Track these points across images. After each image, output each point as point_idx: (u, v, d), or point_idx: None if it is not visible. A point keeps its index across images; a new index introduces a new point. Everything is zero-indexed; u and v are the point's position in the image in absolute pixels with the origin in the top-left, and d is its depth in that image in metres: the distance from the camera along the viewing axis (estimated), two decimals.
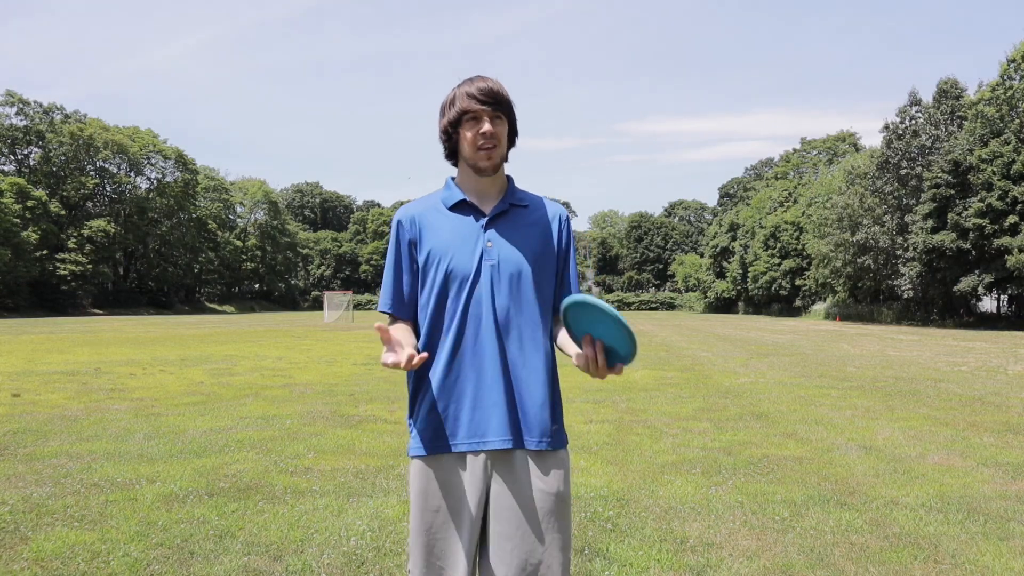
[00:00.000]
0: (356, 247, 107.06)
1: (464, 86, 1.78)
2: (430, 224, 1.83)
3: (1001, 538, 3.71)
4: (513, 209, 1.84)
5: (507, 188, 1.87)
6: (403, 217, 1.87)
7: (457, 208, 1.83)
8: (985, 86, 37.35)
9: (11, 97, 58.39)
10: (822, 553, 3.50)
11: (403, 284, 1.86)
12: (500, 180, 1.86)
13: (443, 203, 1.85)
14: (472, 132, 1.76)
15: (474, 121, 1.76)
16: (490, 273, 1.77)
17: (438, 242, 1.80)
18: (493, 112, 1.76)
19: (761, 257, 67.04)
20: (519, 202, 1.86)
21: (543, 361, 1.81)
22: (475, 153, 1.78)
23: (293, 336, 24.02)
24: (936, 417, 7.53)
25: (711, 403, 8.48)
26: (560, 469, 1.78)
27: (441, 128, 1.83)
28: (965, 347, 19.53)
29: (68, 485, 4.61)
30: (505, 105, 1.78)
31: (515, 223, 1.83)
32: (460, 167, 1.87)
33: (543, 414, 1.78)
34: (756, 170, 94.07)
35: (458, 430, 1.77)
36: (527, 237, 1.82)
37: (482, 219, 1.81)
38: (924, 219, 37.71)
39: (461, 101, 1.76)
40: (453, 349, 1.77)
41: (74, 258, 58.37)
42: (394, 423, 7.03)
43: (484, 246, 1.78)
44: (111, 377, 10.87)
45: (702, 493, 4.55)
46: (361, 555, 3.44)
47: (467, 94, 1.76)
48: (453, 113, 1.77)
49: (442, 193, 1.88)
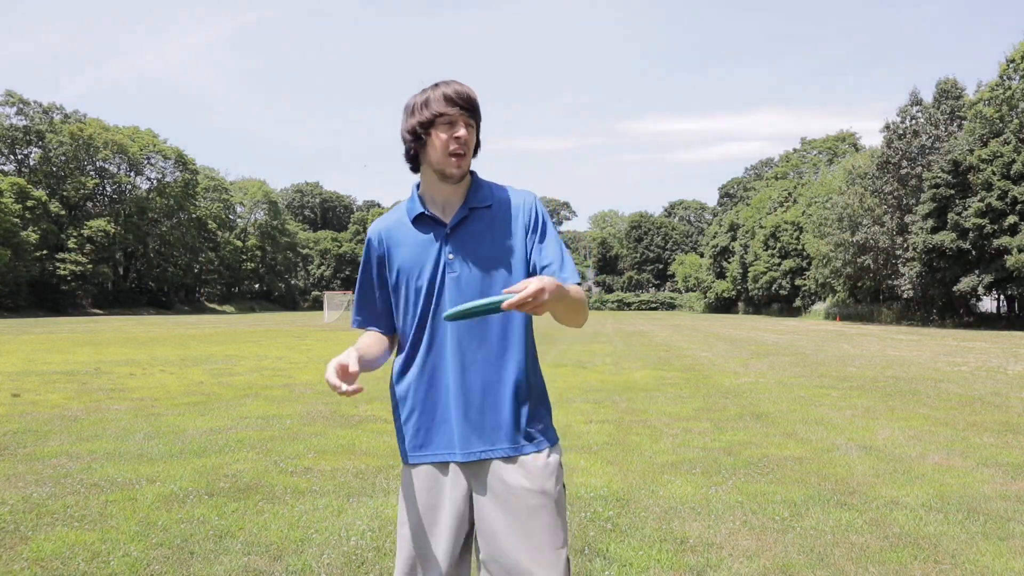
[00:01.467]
0: (356, 247, 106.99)
1: (439, 88, 1.72)
2: (397, 240, 1.81)
3: (1001, 538, 3.71)
4: (474, 213, 1.78)
5: (468, 191, 1.80)
6: (373, 234, 1.85)
7: (418, 221, 1.79)
8: (984, 86, 37.34)
9: (11, 97, 58.40)
10: (822, 553, 3.50)
11: (375, 301, 1.87)
12: (464, 186, 1.81)
13: (407, 215, 1.81)
14: (446, 136, 1.71)
15: (448, 125, 1.71)
16: (452, 286, 1.74)
17: (404, 259, 1.79)
18: (468, 118, 1.72)
19: (761, 257, 67.04)
20: (481, 203, 1.79)
21: (516, 365, 1.76)
22: (445, 159, 1.72)
23: (293, 336, 24.03)
24: (936, 417, 7.53)
25: (711, 403, 8.48)
26: (544, 469, 1.74)
27: (407, 128, 1.76)
28: (965, 347, 19.53)
29: (68, 485, 4.61)
30: (477, 112, 1.75)
31: (477, 228, 1.77)
32: (424, 173, 1.80)
33: (516, 419, 1.76)
34: (756, 170, 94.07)
35: (432, 441, 1.78)
36: (491, 240, 1.77)
37: (443, 230, 1.77)
38: (924, 219, 37.72)
39: (437, 104, 1.70)
40: (422, 363, 1.78)
41: (74, 258, 58.38)
42: (393, 423, 7.03)
43: (446, 259, 1.75)
44: (111, 377, 10.87)
45: (702, 493, 4.55)
46: (361, 555, 3.44)
47: (444, 96, 1.70)
48: (427, 114, 1.71)
49: (407, 205, 1.83)
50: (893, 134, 42.68)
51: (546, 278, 1.54)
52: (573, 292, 1.69)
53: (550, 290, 1.52)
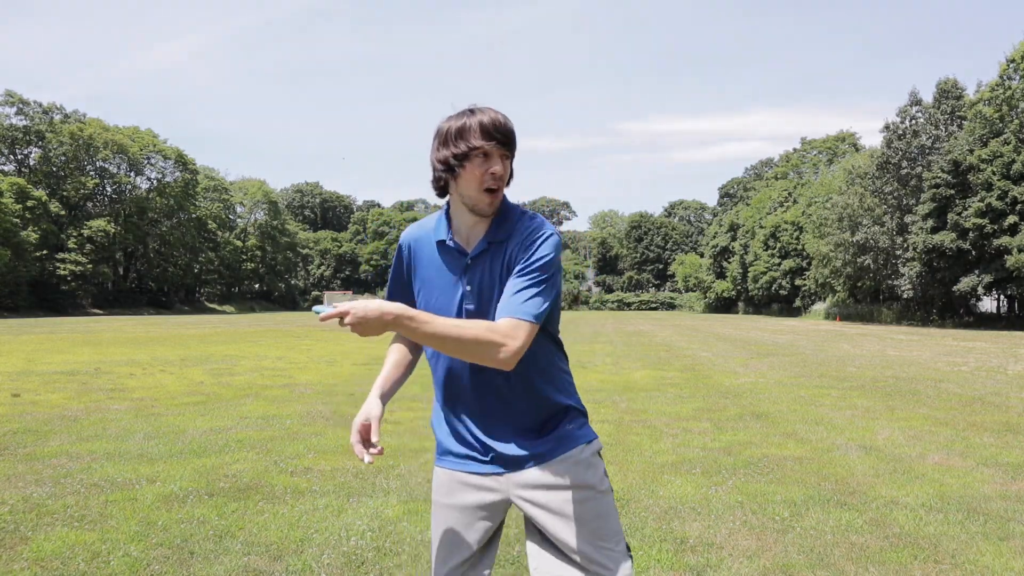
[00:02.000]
0: (356, 247, 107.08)
1: (476, 116, 1.64)
2: (422, 256, 1.80)
3: (1001, 538, 3.71)
4: (492, 247, 1.72)
5: (492, 222, 1.73)
6: (403, 242, 1.85)
7: (441, 248, 1.77)
8: (984, 86, 37.35)
9: (11, 97, 58.38)
10: (822, 553, 3.50)
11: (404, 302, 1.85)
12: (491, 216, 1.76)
13: (434, 235, 1.79)
14: (481, 171, 1.64)
15: (484, 158, 1.63)
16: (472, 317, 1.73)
17: (427, 279, 1.79)
18: (504, 151, 1.65)
19: (761, 257, 67.04)
20: (501, 237, 1.71)
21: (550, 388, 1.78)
22: (479, 195, 1.66)
23: (293, 336, 24.02)
24: (936, 417, 7.53)
25: (711, 403, 8.48)
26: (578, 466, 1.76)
27: (440, 159, 1.67)
28: (965, 347, 19.53)
29: (68, 485, 4.61)
30: (514, 144, 1.69)
31: (492, 263, 1.73)
32: (453, 201, 1.74)
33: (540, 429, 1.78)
34: (756, 170, 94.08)
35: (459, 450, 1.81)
36: (500, 275, 1.73)
37: (464, 260, 1.73)
38: (924, 219, 37.73)
39: (473, 136, 1.62)
40: (444, 380, 1.81)
41: (74, 258, 58.37)
42: (394, 423, 7.03)
43: (464, 290, 1.73)
44: (111, 377, 10.86)
45: (702, 493, 4.55)
46: (361, 555, 3.44)
47: (481, 128, 1.62)
48: (462, 147, 1.63)
49: (437, 223, 1.79)
50: (893, 134, 42.68)
51: (367, 303, 1.50)
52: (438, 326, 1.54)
53: (360, 315, 1.49)
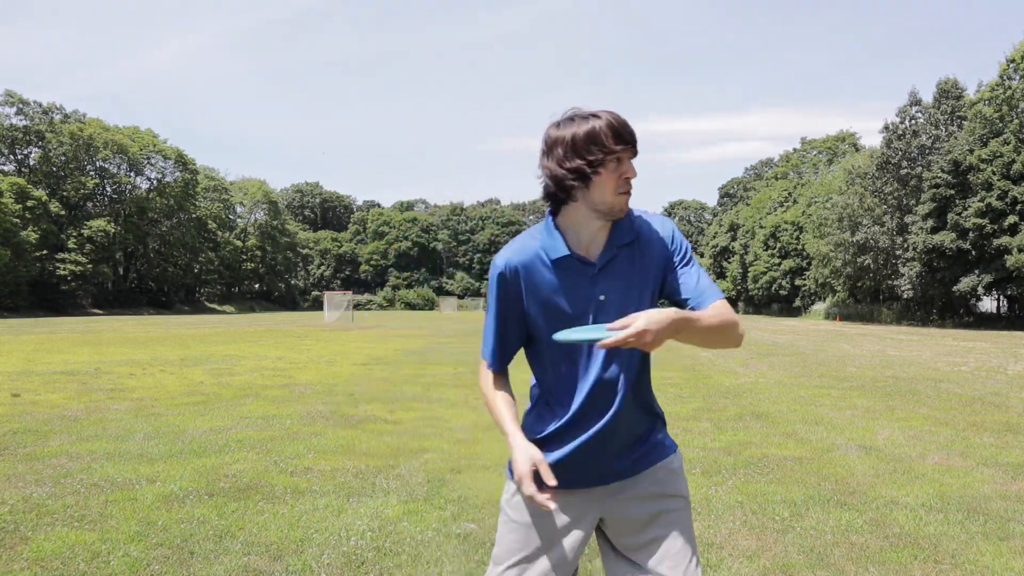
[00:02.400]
0: (356, 247, 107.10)
1: (600, 119, 1.60)
2: (538, 281, 1.67)
3: (1001, 538, 3.71)
4: (620, 252, 1.68)
5: (612, 227, 1.68)
6: (506, 269, 1.69)
7: (562, 263, 1.66)
8: (985, 86, 37.35)
9: (11, 97, 58.40)
10: (822, 553, 3.50)
11: (507, 338, 1.75)
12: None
13: (546, 253, 1.67)
14: (615, 176, 1.61)
15: (617, 163, 1.61)
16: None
17: (546, 298, 1.67)
18: (633, 152, 1.64)
19: (761, 257, 67.05)
20: (625, 240, 1.68)
21: (646, 390, 1.77)
22: (616, 198, 1.62)
23: (293, 336, 24.02)
24: (936, 417, 7.53)
25: (711, 403, 8.48)
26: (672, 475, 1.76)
27: (571, 168, 1.60)
28: (965, 347, 19.53)
29: (68, 485, 4.61)
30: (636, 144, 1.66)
31: (623, 267, 1.68)
32: (574, 209, 1.66)
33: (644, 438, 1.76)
34: (756, 170, 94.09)
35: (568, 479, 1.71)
36: (636, 278, 1.68)
37: (590, 270, 1.66)
38: (924, 219, 37.74)
39: (607, 140, 1.59)
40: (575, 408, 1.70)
41: (74, 258, 58.39)
42: (394, 423, 7.03)
43: (597, 301, 1.66)
44: (111, 377, 10.86)
45: (702, 493, 4.54)
46: (361, 555, 3.44)
47: (613, 132, 1.59)
48: (598, 154, 1.59)
49: (544, 240, 1.68)
50: (893, 134, 42.70)
51: (655, 314, 1.48)
52: (707, 320, 1.60)
53: (656, 329, 1.46)
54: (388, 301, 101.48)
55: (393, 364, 13.54)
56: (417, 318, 55.09)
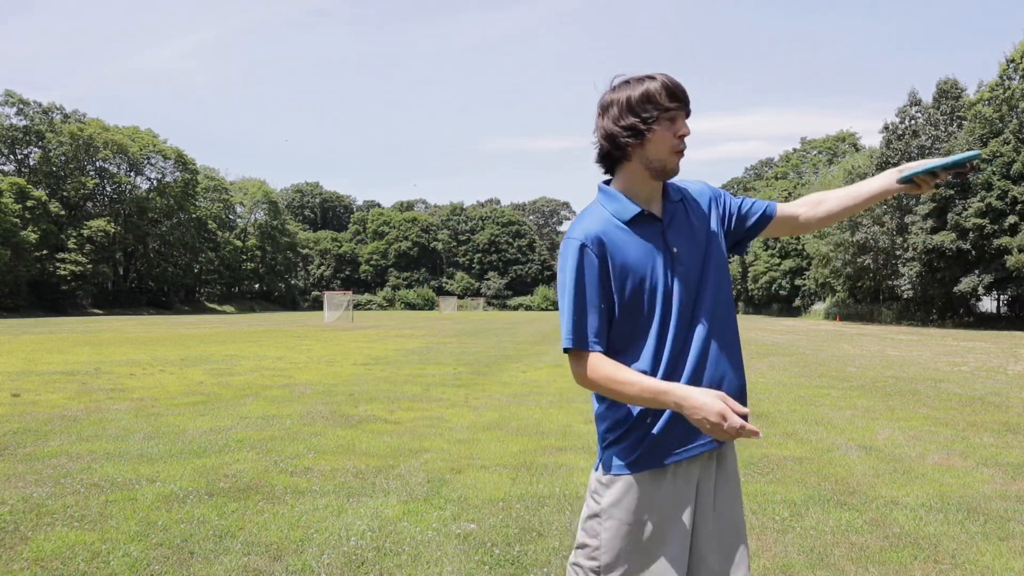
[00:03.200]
0: (356, 247, 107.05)
1: (657, 80, 1.66)
2: (616, 243, 1.68)
3: (1001, 538, 3.71)
4: (677, 206, 1.76)
5: (665, 187, 1.77)
6: (587, 239, 1.68)
7: (637, 221, 1.70)
8: (984, 86, 37.34)
9: (11, 97, 58.39)
10: (822, 553, 3.50)
11: (595, 317, 1.68)
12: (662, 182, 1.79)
13: (617, 217, 1.71)
14: (670, 132, 1.66)
15: (671, 121, 1.66)
16: (684, 280, 1.70)
17: (631, 263, 1.68)
18: (687, 111, 1.70)
19: (761, 257, 67.06)
20: (676, 197, 1.78)
21: (739, 349, 1.78)
22: (670, 156, 1.68)
23: (293, 336, 24.02)
24: (936, 417, 7.53)
25: None
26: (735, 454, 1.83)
27: (625, 125, 1.66)
28: (965, 347, 19.53)
29: (68, 485, 4.61)
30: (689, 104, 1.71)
31: (683, 220, 1.76)
32: (630, 170, 1.72)
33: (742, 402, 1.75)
34: (756, 170, 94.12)
35: (677, 440, 1.69)
36: (699, 229, 1.76)
37: (660, 226, 1.72)
38: (924, 219, 37.72)
39: (661, 98, 1.65)
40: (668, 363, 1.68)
41: (74, 258, 58.38)
42: (394, 423, 7.03)
43: (671, 253, 1.70)
44: (111, 377, 10.86)
45: None
46: (361, 555, 3.44)
47: (667, 91, 1.65)
48: (652, 111, 1.65)
49: (611, 206, 1.72)
50: (892, 134, 42.69)
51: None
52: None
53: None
54: (388, 301, 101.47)
55: (393, 364, 13.54)
56: (417, 318, 55.09)
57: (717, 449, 1.75)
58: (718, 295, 1.73)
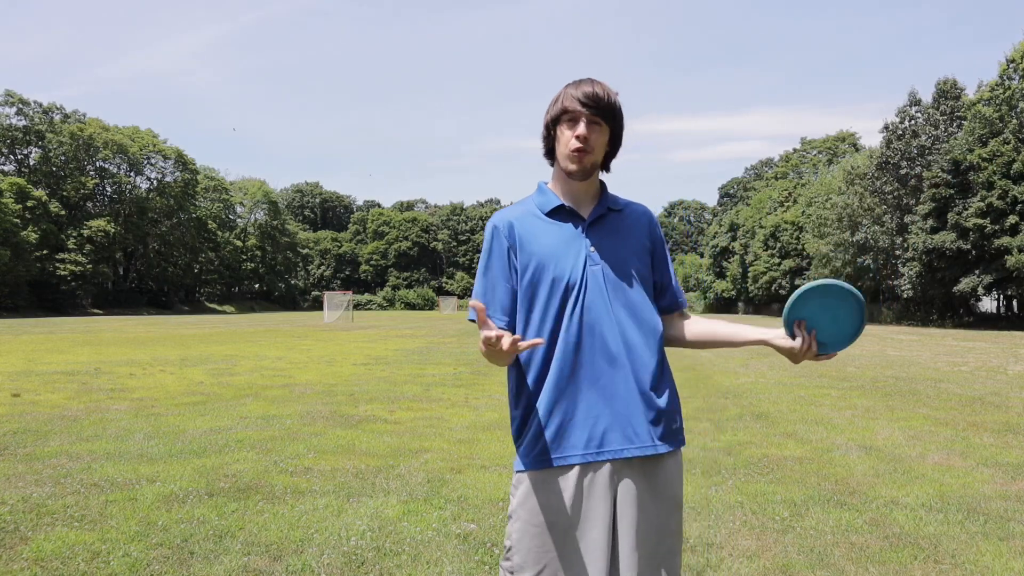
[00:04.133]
0: (356, 247, 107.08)
1: (572, 86, 1.75)
2: (529, 231, 1.76)
3: (1001, 538, 3.71)
4: (610, 214, 1.81)
5: (601, 194, 1.83)
6: (499, 223, 1.79)
7: (555, 214, 1.78)
8: (984, 86, 37.34)
9: (11, 97, 58.39)
10: (822, 553, 3.50)
11: (499, 293, 1.77)
12: (593, 186, 1.81)
13: (539, 209, 1.79)
14: (569, 132, 1.73)
15: (572, 122, 1.73)
16: (596, 279, 1.73)
17: (539, 249, 1.74)
18: (592, 116, 1.71)
19: (761, 257, 67.04)
20: (615, 207, 1.82)
21: (659, 362, 1.76)
22: (566, 156, 1.74)
23: (293, 336, 24.02)
24: (936, 417, 7.53)
25: (711, 403, 8.48)
26: (679, 471, 1.76)
27: (545, 124, 1.80)
28: (965, 347, 19.53)
29: (68, 485, 4.61)
30: (608, 112, 1.73)
31: (613, 227, 1.80)
32: (555, 169, 1.83)
33: (665, 416, 1.74)
34: (756, 170, 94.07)
35: (580, 440, 1.70)
36: (627, 240, 1.80)
37: (582, 224, 1.77)
38: (924, 219, 37.70)
39: (564, 100, 1.73)
40: (567, 357, 1.71)
41: (74, 258, 58.37)
42: (394, 423, 7.03)
43: (588, 251, 1.74)
44: (111, 377, 10.86)
45: (702, 493, 4.55)
46: (361, 555, 3.44)
47: (571, 94, 1.73)
48: (555, 110, 1.75)
49: (537, 199, 1.82)
50: (892, 134, 42.69)
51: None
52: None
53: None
54: (388, 301, 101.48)
55: (393, 364, 13.54)
56: (417, 318, 55.10)
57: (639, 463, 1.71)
58: (633, 306, 1.75)
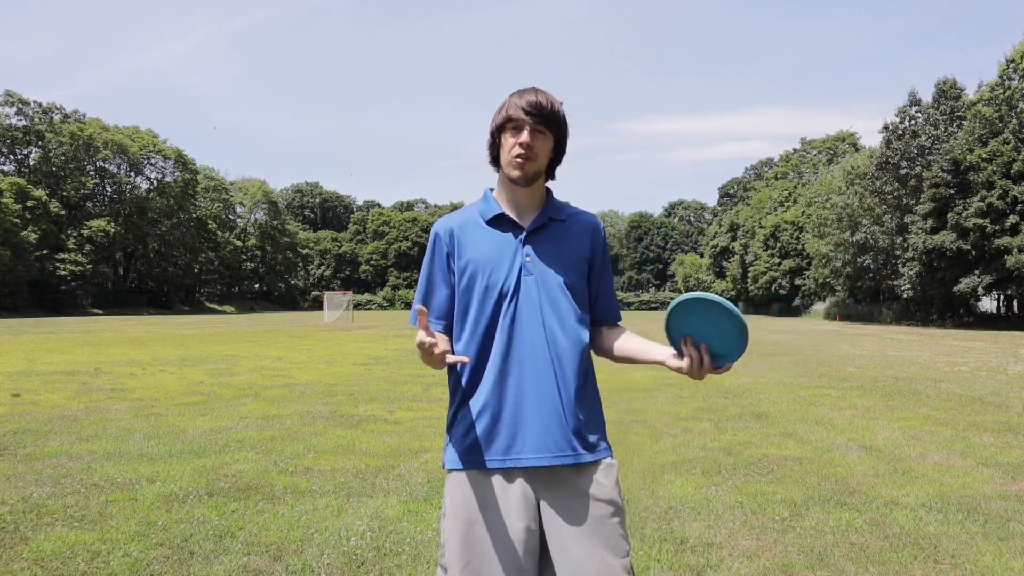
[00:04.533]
0: (356, 247, 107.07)
1: (516, 95, 1.77)
2: (468, 237, 1.80)
3: (1001, 538, 3.71)
4: (552, 223, 1.83)
5: (546, 202, 1.85)
6: (441, 229, 1.83)
7: (495, 222, 1.81)
8: (984, 86, 37.34)
9: (11, 97, 58.41)
10: (822, 553, 3.50)
11: (437, 297, 1.83)
12: (538, 193, 1.83)
13: (481, 216, 1.82)
14: (512, 140, 1.76)
15: (515, 130, 1.75)
16: (529, 288, 1.75)
17: (476, 256, 1.78)
18: (535, 124, 1.74)
19: (761, 257, 67.05)
20: (557, 216, 1.84)
21: (584, 374, 1.79)
22: (508, 163, 1.77)
23: (293, 336, 24.03)
24: (936, 417, 7.53)
25: (711, 403, 8.48)
26: (609, 477, 1.76)
27: (490, 131, 1.82)
28: (965, 347, 19.54)
29: (68, 485, 4.61)
30: (551, 121, 1.75)
31: (553, 237, 1.82)
32: (500, 176, 1.85)
33: (586, 426, 1.77)
34: (756, 170, 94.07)
35: (502, 446, 1.73)
36: (565, 251, 1.81)
37: (520, 233, 1.79)
38: (924, 219, 37.70)
39: (509, 108, 1.76)
40: (495, 364, 1.74)
41: (74, 258, 58.38)
42: (394, 423, 7.03)
43: (523, 260, 1.77)
44: (111, 377, 10.87)
45: (702, 493, 4.55)
46: (361, 555, 3.44)
47: (515, 103, 1.75)
48: (499, 118, 1.78)
49: (480, 206, 1.85)
50: (892, 134, 42.69)
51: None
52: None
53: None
54: (388, 301, 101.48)
55: (393, 364, 13.54)
56: None
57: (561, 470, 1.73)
58: (564, 316, 1.77)
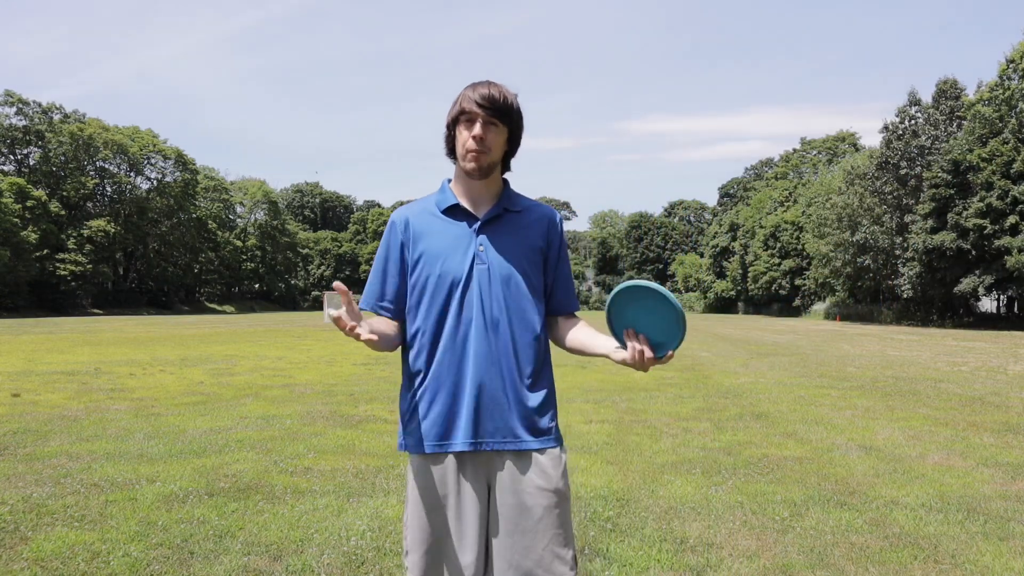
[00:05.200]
0: (356, 247, 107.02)
1: (470, 88, 1.79)
2: (423, 227, 1.83)
3: (1001, 538, 3.71)
4: (507, 214, 1.85)
5: (502, 193, 1.87)
6: (397, 218, 1.87)
7: (450, 212, 1.83)
8: (984, 86, 37.33)
9: (11, 97, 58.36)
10: (822, 553, 3.50)
11: (389, 284, 1.86)
12: (494, 185, 1.85)
13: (437, 206, 1.85)
14: (466, 133, 1.77)
15: (469, 123, 1.77)
16: (481, 277, 1.77)
17: (430, 245, 1.81)
18: (488, 117, 1.75)
19: (761, 257, 67.04)
20: (513, 207, 1.86)
21: (536, 363, 1.82)
22: (463, 154, 1.79)
23: (293, 336, 24.02)
24: (936, 417, 7.53)
25: (711, 403, 8.48)
26: (556, 467, 1.79)
27: (447, 124, 1.85)
28: (965, 347, 19.53)
29: (68, 485, 4.61)
30: (504, 113, 1.77)
31: (508, 228, 1.83)
32: (455, 168, 1.87)
33: (536, 415, 1.80)
34: (756, 170, 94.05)
35: (453, 431, 1.76)
36: (520, 241, 1.83)
37: (475, 224, 1.81)
38: (924, 219, 37.69)
39: (463, 101, 1.77)
40: (445, 351, 1.77)
41: (74, 258, 58.34)
42: (394, 423, 7.03)
43: (476, 250, 1.79)
44: (111, 377, 10.86)
45: (702, 493, 4.55)
46: (361, 555, 3.44)
47: (468, 96, 1.77)
48: (454, 111, 1.79)
49: (436, 196, 1.88)
50: (892, 134, 42.68)
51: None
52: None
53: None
54: None
55: (393, 364, 13.54)
56: None
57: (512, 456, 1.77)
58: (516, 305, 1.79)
